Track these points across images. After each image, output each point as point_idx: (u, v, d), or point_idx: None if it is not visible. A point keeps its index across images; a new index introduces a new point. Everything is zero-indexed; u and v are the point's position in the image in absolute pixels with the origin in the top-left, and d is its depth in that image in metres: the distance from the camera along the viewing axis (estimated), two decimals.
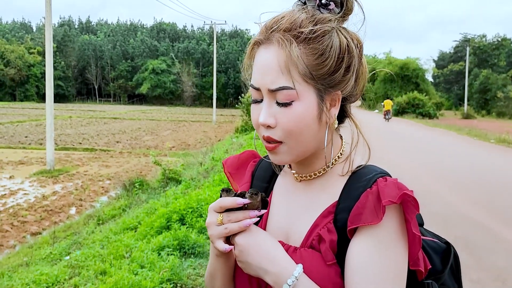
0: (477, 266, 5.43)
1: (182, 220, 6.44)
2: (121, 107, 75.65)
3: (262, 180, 1.20)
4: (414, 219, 0.96)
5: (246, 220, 1.00)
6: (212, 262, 1.13)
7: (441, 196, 8.98)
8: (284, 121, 0.98)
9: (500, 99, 53.07)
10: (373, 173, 1.03)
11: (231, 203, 1.00)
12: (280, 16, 1.01)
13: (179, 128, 34.22)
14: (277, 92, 0.97)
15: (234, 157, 1.28)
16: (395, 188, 0.96)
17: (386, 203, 0.94)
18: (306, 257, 1.00)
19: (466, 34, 73.13)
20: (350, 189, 1.02)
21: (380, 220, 0.94)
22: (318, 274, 0.98)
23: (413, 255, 0.98)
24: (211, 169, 11.91)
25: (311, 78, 0.97)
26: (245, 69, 1.09)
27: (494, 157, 16.01)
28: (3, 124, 33.13)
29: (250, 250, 1.00)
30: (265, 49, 1.00)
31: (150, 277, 4.35)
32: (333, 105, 1.02)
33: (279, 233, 1.09)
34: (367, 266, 0.94)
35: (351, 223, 0.97)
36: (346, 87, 1.02)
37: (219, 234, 1.01)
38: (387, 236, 0.95)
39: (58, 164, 16.35)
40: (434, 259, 1.12)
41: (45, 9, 16.04)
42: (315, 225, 1.03)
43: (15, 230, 9.07)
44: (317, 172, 1.08)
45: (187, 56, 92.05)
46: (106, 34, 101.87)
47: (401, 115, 46.84)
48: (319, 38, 0.97)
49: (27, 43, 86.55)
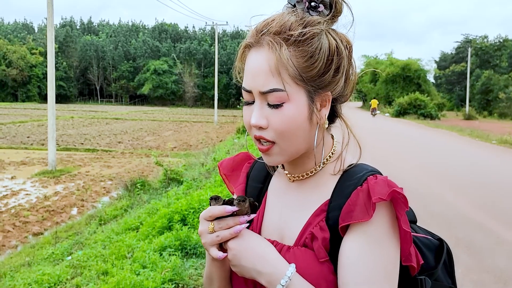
0: (478, 268, 5.43)
1: (183, 220, 6.46)
2: (123, 107, 75.68)
3: (256, 180, 1.22)
4: (404, 216, 0.98)
5: (237, 227, 1.02)
6: (208, 266, 1.16)
7: (443, 197, 8.97)
8: (275, 122, 1.00)
9: (502, 100, 52.93)
10: (364, 171, 1.04)
11: (220, 212, 1.02)
12: (270, 19, 1.03)
13: (180, 129, 34.23)
14: (268, 94, 0.99)
15: (229, 159, 1.30)
16: (385, 185, 0.98)
17: (376, 200, 0.96)
18: (299, 256, 1.02)
19: (468, 35, 73.17)
20: (342, 188, 1.04)
21: (371, 217, 0.96)
22: (311, 272, 1.00)
23: (404, 251, 1.00)
24: (212, 170, 11.91)
25: (301, 80, 0.99)
26: (236, 71, 1.11)
27: (495, 158, 15.99)
28: (5, 124, 33.18)
29: (242, 253, 1.02)
30: (256, 52, 1.01)
31: (152, 277, 4.36)
32: (324, 105, 1.04)
33: (273, 233, 1.11)
34: (360, 262, 0.96)
35: (343, 221, 0.99)
36: (336, 88, 1.04)
37: (212, 242, 1.04)
38: (378, 233, 0.97)
39: (60, 165, 16.38)
40: (427, 256, 1.14)
41: (47, 9, 16.07)
42: (308, 223, 1.05)
43: (17, 230, 9.09)
44: (309, 172, 1.10)
45: (189, 56, 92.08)
46: (108, 35, 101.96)
47: (403, 116, 46.79)
48: (308, 41, 0.99)
49: (29, 44, 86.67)
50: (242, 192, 1.22)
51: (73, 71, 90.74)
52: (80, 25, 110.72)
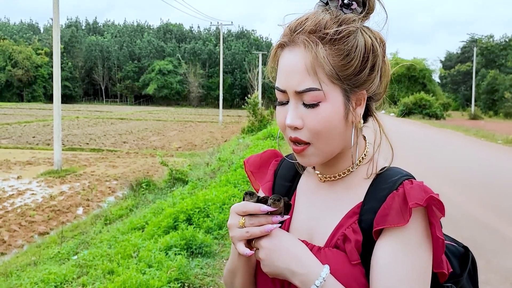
0: (485, 268, 5.41)
1: (189, 220, 6.46)
2: (127, 107, 75.92)
3: (285, 179, 1.20)
4: (438, 223, 0.97)
5: (268, 226, 0.99)
6: (233, 260, 1.13)
7: (448, 197, 8.93)
8: (311, 122, 0.98)
9: (507, 100, 52.74)
10: (399, 175, 1.03)
11: (256, 210, 0.99)
12: (304, 18, 1.01)
13: (185, 129, 34.29)
14: (304, 93, 0.98)
15: (256, 156, 1.28)
16: (421, 191, 0.97)
17: (413, 205, 0.94)
18: (331, 257, 1.00)
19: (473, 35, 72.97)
20: (376, 191, 1.02)
21: (407, 222, 0.94)
22: (343, 273, 0.98)
23: (436, 258, 0.99)
24: (217, 170, 11.92)
25: (337, 79, 0.98)
26: (268, 71, 1.09)
27: (501, 158, 15.93)
28: (10, 124, 33.34)
29: (276, 253, 0.99)
30: (290, 51, 1.00)
31: (158, 276, 4.36)
32: (359, 104, 1.03)
33: (302, 233, 1.09)
34: (393, 267, 0.95)
35: (377, 224, 0.97)
36: (371, 86, 1.03)
37: (241, 237, 1.01)
38: (413, 238, 0.96)
39: (65, 165, 16.44)
40: (453, 263, 1.13)
41: (53, 10, 16.15)
42: (340, 225, 1.03)
43: (23, 230, 9.13)
44: (341, 173, 1.08)
45: (194, 56, 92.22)
46: (113, 35, 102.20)
47: (408, 116, 46.70)
48: (344, 39, 0.97)
49: (35, 44, 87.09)
50: (269, 190, 1.20)
51: (78, 71, 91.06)
52: (86, 26, 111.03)
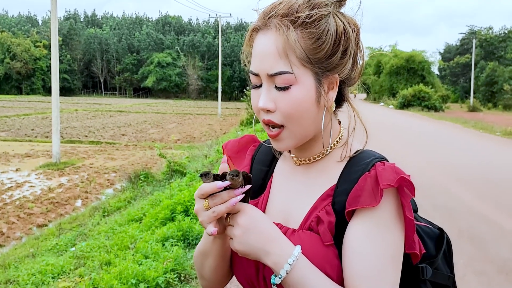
0: (481, 258, 5.43)
1: (186, 211, 6.48)
2: (126, 100, 75.78)
3: (262, 163, 1.21)
4: (408, 204, 0.97)
5: (232, 199, 0.98)
6: (206, 243, 1.13)
7: (446, 189, 8.96)
8: (283, 105, 0.99)
9: (506, 92, 52.72)
10: (371, 157, 1.04)
11: (212, 188, 0.98)
12: (278, 2, 1.02)
13: (184, 121, 34.26)
14: (276, 76, 0.99)
15: (234, 140, 1.29)
16: (393, 172, 0.98)
17: (384, 186, 0.96)
18: (304, 239, 1.01)
19: (473, 27, 72.78)
20: (349, 173, 1.03)
21: (378, 202, 0.96)
22: (316, 255, 0.99)
23: (408, 239, 0.99)
24: (216, 162, 11.93)
25: (309, 62, 0.99)
26: (244, 55, 1.10)
27: (500, 150, 15.95)
28: (9, 117, 33.29)
29: (251, 231, 0.99)
30: (263, 35, 1.01)
31: (154, 267, 4.38)
32: (331, 88, 1.03)
33: (278, 216, 1.10)
34: (365, 247, 0.96)
35: (349, 205, 0.99)
36: (343, 70, 1.03)
37: (209, 219, 1.00)
38: (384, 219, 0.97)
39: (64, 157, 16.43)
40: (428, 244, 1.13)
41: (51, 2, 16.05)
42: (314, 207, 1.05)
43: (21, 222, 9.14)
44: (316, 156, 1.10)
45: (193, 49, 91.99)
46: (112, 28, 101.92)
47: (407, 108, 46.68)
48: (315, 23, 0.98)
49: (33, 37, 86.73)
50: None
51: (77, 64, 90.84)
52: (84, 18, 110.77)
